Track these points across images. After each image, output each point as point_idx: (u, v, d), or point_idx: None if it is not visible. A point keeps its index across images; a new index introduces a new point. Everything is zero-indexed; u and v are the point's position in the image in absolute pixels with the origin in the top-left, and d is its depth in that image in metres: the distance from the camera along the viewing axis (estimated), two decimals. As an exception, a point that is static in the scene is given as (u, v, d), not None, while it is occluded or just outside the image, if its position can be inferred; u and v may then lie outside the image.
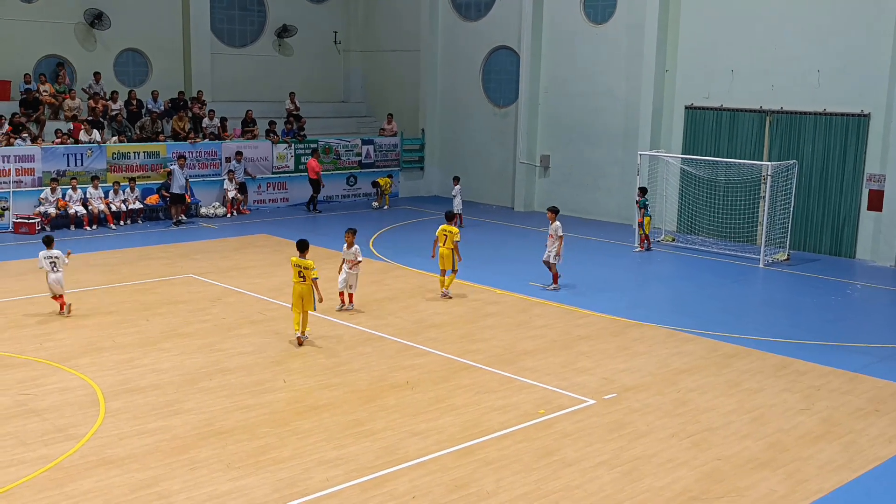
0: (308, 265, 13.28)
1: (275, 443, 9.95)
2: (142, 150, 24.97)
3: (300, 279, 13.26)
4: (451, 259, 16.56)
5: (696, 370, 12.88)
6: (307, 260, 13.40)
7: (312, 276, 13.23)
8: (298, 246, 13.62)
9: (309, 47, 32.23)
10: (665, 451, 9.98)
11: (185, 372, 12.26)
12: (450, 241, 16.52)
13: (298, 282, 13.29)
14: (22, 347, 13.16)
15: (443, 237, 16.61)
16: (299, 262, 13.37)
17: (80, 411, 10.75)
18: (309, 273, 13.23)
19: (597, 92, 26.27)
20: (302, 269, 13.28)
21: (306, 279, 13.23)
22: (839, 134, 21.49)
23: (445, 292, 16.67)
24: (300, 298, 13.29)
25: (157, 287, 17.07)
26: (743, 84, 23.05)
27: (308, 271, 13.23)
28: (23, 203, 22.82)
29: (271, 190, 27.54)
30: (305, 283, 13.24)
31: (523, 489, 8.96)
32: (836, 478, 9.45)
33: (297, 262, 13.38)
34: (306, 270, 13.24)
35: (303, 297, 13.26)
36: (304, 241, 13.69)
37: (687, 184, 23.96)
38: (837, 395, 11.97)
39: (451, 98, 30.52)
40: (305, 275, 13.24)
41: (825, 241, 21.96)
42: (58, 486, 8.77)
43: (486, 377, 12.32)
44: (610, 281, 18.82)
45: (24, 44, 26.09)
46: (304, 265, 13.30)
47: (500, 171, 29.23)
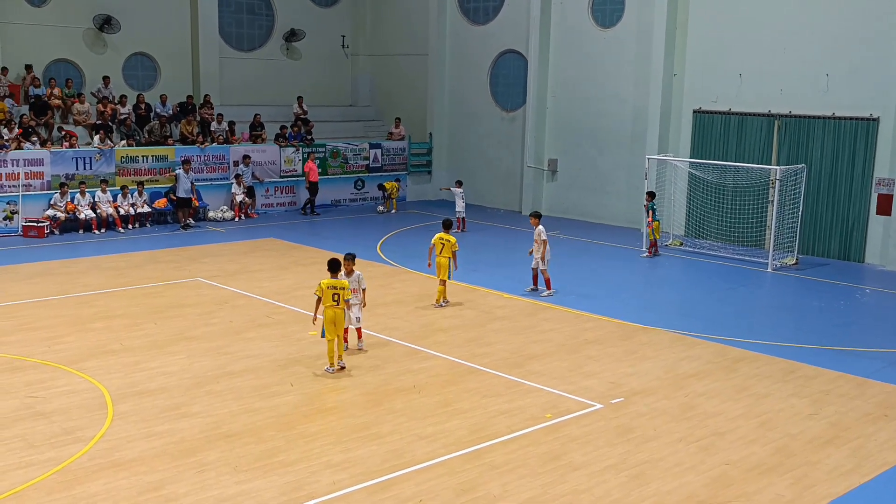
0: (344, 285, 12.32)
1: (282, 446, 9.96)
2: (150, 154, 25.05)
3: (333, 302, 12.15)
4: (447, 269, 16.27)
5: (703, 374, 12.85)
6: (342, 280, 12.46)
7: (347, 296, 12.35)
8: (330, 266, 12.50)
9: (317, 51, 32.31)
10: (672, 456, 9.96)
11: (193, 375, 12.29)
12: (447, 250, 16.16)
13: (331, 305, 12.16)
14: (30, 350, 13.21)
15: (440, 245, 16.23)
16: (334, 283, 12.25)
17: (88, 414, 10.78)
18: (345, 294, 12.29)
19: (605, 96, 26.26)
20: (337, 290, 12.20)
21: (340, 302, 12.21)
22: (848, 138, 21.42)
23: (442, 303, 16.32)
24: (333, 324, 12.21)
25: (165, 290, 17.12)
26: (751, 88, 23.00)
27: (344, 292, 12.27)
28: (32, 206, 22.93)
29: (279, 194, 27.59)
30: (340, 307, 12.22)
31: (530, 493, 8.95)
32: (845, 483, 9.41)
33: (332, 284, 12.22)
34: (342, 291, 12.23)
35: (336, 322, 12.21)
36: (336, 261, 12.57)
37: (695, 188, 23.91)
38: (846, 400, 11.92)
39: (458, 102, 30.54)
40: (340, 296, 12.21)
41: (834, 245, 21.88)
42: (66, 489, 8.79)
43: (493, 381, 12.31)
44: (618, 285, 18.78)
45: (33, 48, 26.21)
46: (340, 286, 12.26)
47: (508, 174, 29.23)
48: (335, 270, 12.43)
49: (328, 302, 12.18)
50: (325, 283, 12.21)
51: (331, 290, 12.18)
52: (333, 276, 12.38)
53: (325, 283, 12.22)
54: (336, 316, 12.21)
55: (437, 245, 16.27)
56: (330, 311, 12.19)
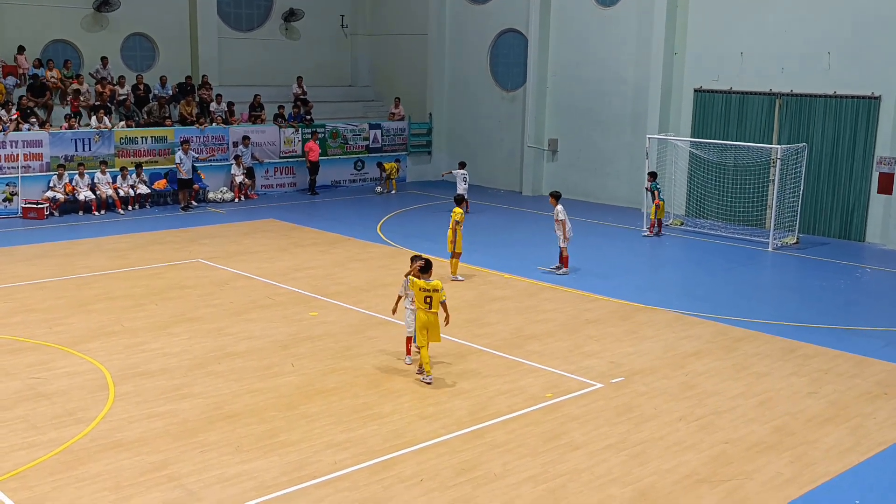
0: (437, 287, 11.28)
1: (283, 426, 9.99)
2: (149, 135, 24.99)
3: (426, 306, 11.22)
4: (452, 241, 16.66)
5: (703, 354, 12.87)
6: (434, 281, 11.41)
7: (441, 298, 11.30)
8: (422, 267, 11.49)
9: (316, 31, 32.15)
10: (672, 435, 9.99)
11: (194, 356, 12.32)
12: (451, 223, 16.61)
13: (424, 309, 11.23)
14: (31, 332, 13.23)
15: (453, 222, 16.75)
16: (426, 285, 11.26)
17: (90, 395, 10.81)
18: (438, 297, 11.27)
19: (605, 75, 26.16)
20: (430, 292, 11.23)
21: (433, 306, 11.25)
22: (849, 117, 21.35)
23: (456, 277, 16.75)
24: (425, 329, 11.27)
25: (166, 272, 17.13)
26: (752, 67, 22.91)
27: (437, 294, 11.25)
28: (31, 188, 22.89)
29: (279, 175, 27.54)
30: (432, 311, 11.25)
31: (530, 472, 8.99)
32: (844, 461, 9.45)
33: (424, 286, 11.25)
34: (435, 294, 11.24)
35: (428, 327, 11.26)
36: (428, 262, 11.57)
37: (696, 167, 23.86)
38: (845, 379, 11.95)
39: (458, 82, 30.43)
40: (433, 300, 11.24)
41: (834, 224, 21.87)
42: (68, 469, 8.83)
43: (493, 361, 12.34)
44: (618, 265, 18.79)
45: (31, 28, 26.10)
46: (433, 288, 11.24)
47: (508, 155, 29.17)
48: (427, 271, 11.46)
49: (420, 304, 11.28)
50: (419, 285, 11.30)
51: (423, 292, 11.23)
52: (426, 277, 11.42)
53: (418, 285, 11.30)
54: (429, 321, 11.27)
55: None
56: (422, 315, 11.29)
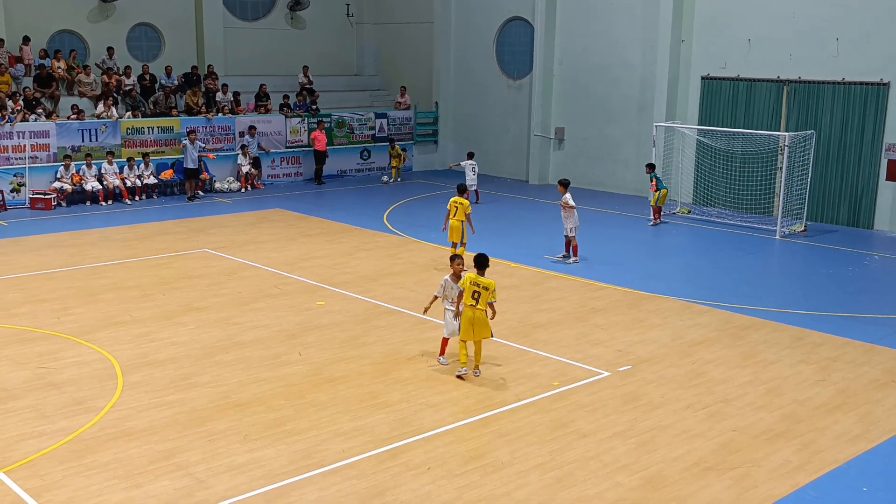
0: (489, 285, 10.91)
1: (291, 415, 10.02)
2: (156, 126, 25.00)
3: (473, 301, 10.88)
4: (460, 231, 16.45)
5: (711, 342, 12.86)
6: (487, 279, 11.02)
7: (491, 298, 10.92)
8: (477, 262, 11.13)
9: (321, 20, 32.07)
10: (680, 423, 9.99)
11: (202, 345, 12.35)
12: (461, 213, 16.36)
13: (471, 304, 10.90)
14: (40, 322, 13.29)
15: (454, 209, 16.46)
16: (477, 280, 10.94)
17: (99, 384, 10.86)
18: (488, 296, 10.90)
19: (612, 63, 26.05)
20: (479, 288, 10.88)
21: (480, 302, 10.89)
22: (858, 103, 21.24)
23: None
24: (471, 326, 10.93)
25: (173, 262, 17.16)
26: (760, 53, 22.79)
27: (488, 293, 10.88)
28: (38, 179, 22.93)
29: (285, 164, 27.53)
30: (479, 308, 10.90)
31: (538, 460, 9.00)
32: (852, 448, 9.44)
33: (475, 281, 10.92)
34: (485, 292, 10.87)
35: (474, 323, 10.91)
36: (483, 256, 11.19)
37: (703, 155, 23.78)
38: (854, 367, 11.92)
39: (464, 70, 30.34)
40: (482, 296, 10.87)
41: (843, 212, 21.78)
42: (78, 458, 8.88)
43: (500, 350, 12.34)
44: (625, 253, 18.76)
45: (37, 19, 26.09)
46: (484, 285, 10.90)
47: (515, 143, 29.10)
48: (482, 267, 11.11)
49: (468, 300, 10.95)
50: (470, 278, 10.98)
51: (473, 286, 10.93)
52: (480, 272, 11.07)
53: (469, 278, 10.99)
54: (475, 317, 10.92)
55: (451, 209, 16.45)
56: (469, 312, 10.93)
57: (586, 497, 8.28)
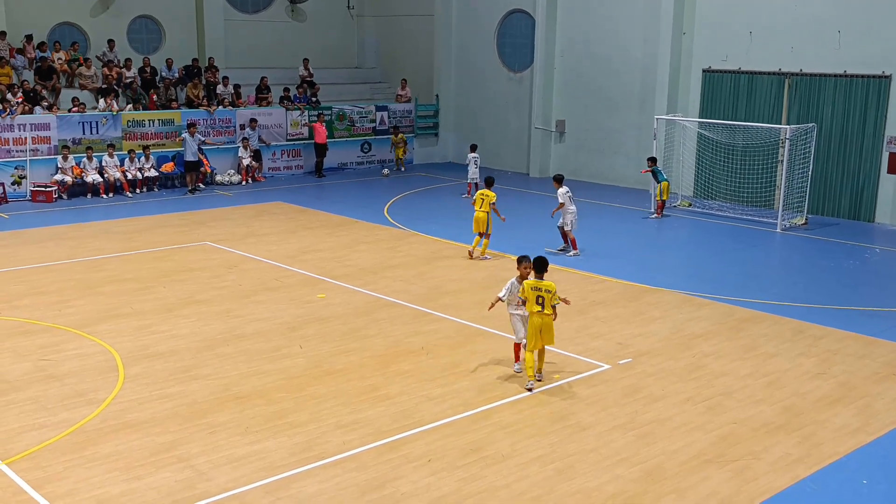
0: (550, 287, 10.58)
1: (292, 407, 10.04)
2: (156, 118, 24.98)
3: (538, 307, 10.57)
4: (485, 223, 17.00)
5: (711, 335, 12.86)
6: (548, 282, 10.70)
7: (554, 301, 10.59)
8: (537, 265, 10.76)
9: (322, 13, 32.03)
10: (680, 416, 10.00)
11: (203, 338, 12.36)
12: (486, 205, 16.95)
13: (537, 311, 10.58)
14: (42, 314, 13.30)
15: (480, 200, 17.10)
16: (538, 284, 10.62)
17: (100, 376, 10.87)
18: (551, 299, 10.58)
19: (613, 56, 26.00)
20: (542, 292, 10.58)
21: (546, 307, 10.60)
22: (859, 96, 21.20)
23: (484, 257, 17.16)
24: (538, 332, 10.62)
25: (174, 254, 17.17)
26: (761, 46, 22.75)
27: (550, 296, 10.57)
28: (40, 171, 22.93)
29: (286, 157, 27.51)
30: (546, 313, 10.60)
31: (538, 452, 9.02)
32: (852, 441, 9.45)
33: (536, 286, 10.60)
34: (547, 295, 10.56)
35: (541, 329, 10.62)
36: (543, 260, 10.82)
37: (704, 148, 23.75)
38: (854, 360, 11.93)
39: (465, 63, 30.29)
40: (546, 301, 10.58)
41: (844, 204, 21.76)
42: (79, 450, 8.90)
43: (501, 343, 12.34)
44: (626, 246, 18.76)
45: (37, 11, 26.05)
46: (546, 288, 10.58)
47: (516, 136, 29.07)
48: (541, 271, 10.75)
49: (533, 307, 10.63)
50: (529, 284, 10.68)
51: (534, 291, 10.60)
52: (538, 276, 10.73)
53: (528, 284, 10.69)
54: (543, 323, 10.62)
55: (477, 200, 17.28)
56: (536, 318, 10.62)
57: (586, 489, 8.30)
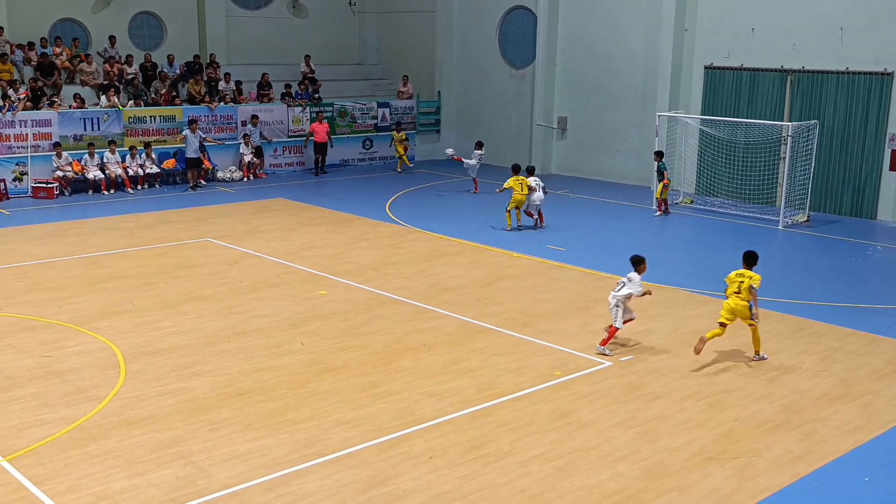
0: (753, 276, 11.40)
1: (293, 404, 10.04)
2: (158, 115, 24.98)
3: (736, 292, 11.42)
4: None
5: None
6: (749, 272, 11.47)
7: (752, 283, 11.31)
8: (747, 258, 11.62)
9: (324, 9, 31.99)
10: (681, 413, 10.00)
11: (204, 334, 12.37)
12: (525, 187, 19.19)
13: (733, 294, 11.45)
14: (43, 310, 13.31)
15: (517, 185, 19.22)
16: (741, 272, 11.49)
17: (101, 373, 10.88)
18: (749, 283, 11.32)
19: (615, 52, 25.97)
20: (744, 278, 11.39)
21: (742, 292, 11.33)
22: (862, 93, 21.17)
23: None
24: (731, 313, 11.46)
25: (175, 251, 17.17)
26: (764, 43, 22.71)
27: (752, 280, 11.32)
28: (41, 168, 22.92)
29: (287, 154, 27.49)
30: (742, 296, 11.34)
31: (539, 449, 9.01)
32: (853, 439, 9.45)
33: (739, 273, 11.50)
34: (749, 280, 11.33)
35: (734, 311, 11.42)
36: (753, 254, 11.66)
37: (706, 145, 23.72)
38: (856, 357, 11.92)
39: (467, 60, 30.26)
40: (744, 284, 11.35)
41: (846, 202, 21.74)
42: (81, 446, 8.90)
43: (502, 339, 12.35)
44: (628, 243, 18.70)
45: (38, 7, 26.05)
46: (748, 275, 11.39)
47: (517, 133, 29.03)
48: (752, 263, 11.59)
49: (734, 290, 11.48)
50: (736, 273, 11.56)
51: (738, 277, 11.50)
52: (748, 267, 11.55)
53: (735, 273, 11.56)
54: (735, 306, 11.41)
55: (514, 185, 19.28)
56: (731, 301, 11.46)
57: (587, 486, 8.29)
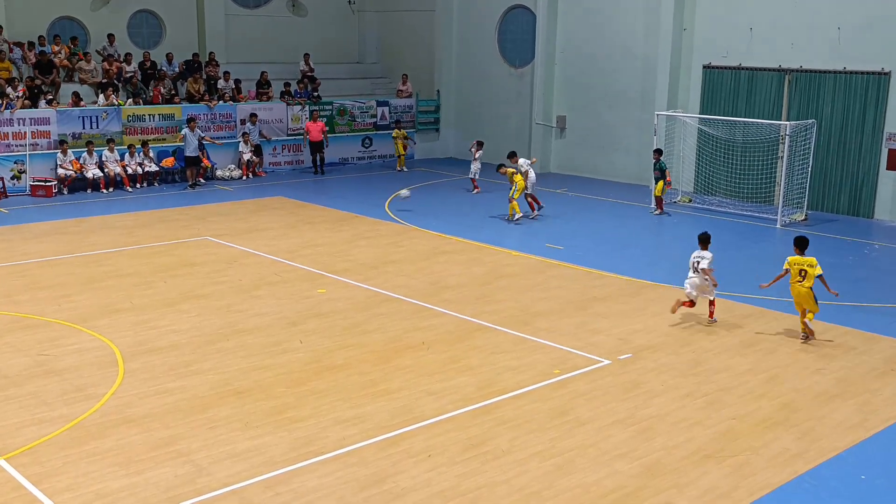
0: (812, 262, 12.18)
1: (292, 402, 10.05)
2: (157, 113, 24.97)
3: (801, 278, 12.19)
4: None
5: (711, 330, 12.87)
6: (808, 258, 12.28)
7: (816, 272, 12.12)
8: (798, 243, 12.41)
9: (323, 8, 31.99)
10: (679, 411, 10.02)
11: (203, 333, 12.37)
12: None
13: (798, 281, 12.22)
14: (41, 309, 13.31)
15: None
16: (801, 260, 12.25)
17: (100, 371, 10.88)
18: (813, 272, 12.12)
19: (614, 52, 25.98)
20: (805, 267, 12.16)
21: (806, 279, 12.13)
22: (859, 92, 21.20)
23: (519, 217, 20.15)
24: (798, 299, 12.35)
25: (174, 249, 17.18)
26: (762, 42, 22.73)
27: (813, 269, 12.12)
28: (39, 166, 22.92)
29: (286, 152, 27.48)
30: (804, 284, 12.18)
31: (538, 447, 9.03)
32: (851, 437, 9.47)
33: (799, 262, 12.24)
34: (810, 269, 12.13)
35: (799, 297, 12.28)
36: (804, 239, 12.48)
37: (704, 144, 23.74)
38: (853, 356, 11.95)
39: (466, 58, 30.26)
40: (808, 274, 12.13)
41: (843, 201, 21.76)
42: (79, 445, 8.91)
43: (501, 338, 12.37)
44: (626, 242, 18.75)
45: (37, 5, 26.04)
46: (808, 263, 12.18)
47: (517, 132, 29.03)
48: (804, 248, 12.34)
49: (796, 278, 12.24)
50: (794, 260, 12.29)
51: (797, 265, 12.25)
52: (800, 252, 12.32)
53: (793, 260, 12.30)
54: (800, 293, 12.23)
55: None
56: (797, 288, 12.26)
57: (585, 484, 8.31)
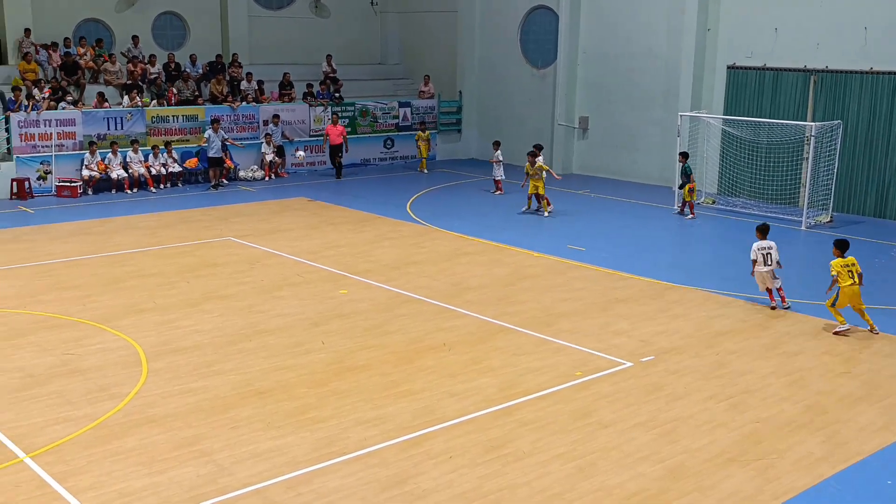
0: (854, 261, 12.74)
1: (314, 403, 10.07)
2: (180, 114, 25.14)
3: (851, 280, 12.59)
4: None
5: (734, 333, 12.78)
6: (849, 258, 12.76)
7: (857, 270, 12.65)
8: (839, 245, 12.89)
9: (346, 9, 32.08)
10: (702, 413, 9.95)
11: (226, 333, 12.43)
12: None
13: (849, 284, 12.58)
14: (66, 308, 13.43)
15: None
16: (846, 262, 12.69)
17: (123, 371, 10.96)
18: (857, 269, 12.65)
19: (637, 52, 25.86)
20: (850, 266, 12.62)
21: (854, 277, 12.60)
22: (886, 93, 20.95)
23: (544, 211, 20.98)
24: (849, 298, 12.64)
25: (197, 250, 17.28)
26: (787, 42, 22.53)
27: (856, 267, 12.65)
28: (65, 167, 23.13)
29: (309, 153, 27.53)
30: (856, 282, 12.62)
31: (560, 450, 8.99)
32: (876, 440, 9.36)
33: (845, 263, 12.67)
34: (853, 267, 12.63)
35: (852, 296, 12.63)
36: (845, 241, 12.96)
37: (728, 145, 23.56)
38: (879, 358, 11.81)
39: (488, 59, 30.23)
40: (854, 272, 12.61)
41: (869, 202, 21.53)
42: (102, 444, 8.98)
43: (522, 339, 12.34)
44: (649, 243, 18.66)
45: (63, 8, 26.30)
46: (852, 262, 12.69)
47: (538, 133, 28.91)
48: (844, 249, 12.80)
49: (846, 280, 12.57)
50: (839, 263, 12.68)
51: (844, 268, 12.63)
52: (842, 254, 12.76)
53: (839, 262, 12.69)
54: (854, 291, 12.56)
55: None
56: (850, 290, 12.58)
57: (608, 487, 8.27)
